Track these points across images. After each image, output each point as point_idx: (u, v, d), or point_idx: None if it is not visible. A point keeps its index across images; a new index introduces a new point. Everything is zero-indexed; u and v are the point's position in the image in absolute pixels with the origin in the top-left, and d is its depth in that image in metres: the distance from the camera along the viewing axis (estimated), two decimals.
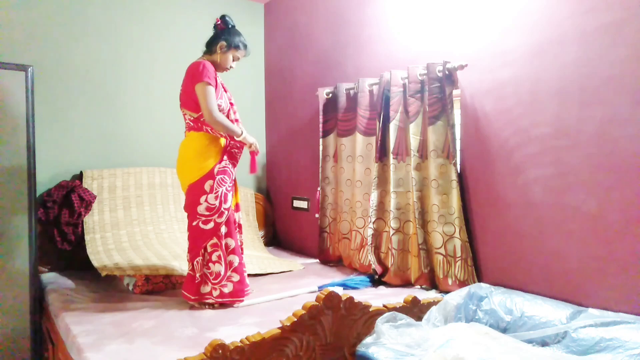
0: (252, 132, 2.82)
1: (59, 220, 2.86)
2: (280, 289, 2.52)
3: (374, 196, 2.68)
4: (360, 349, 1.69)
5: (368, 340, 1.71)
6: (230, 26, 2.40)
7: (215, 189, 2.24)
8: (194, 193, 2.26)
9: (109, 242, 2.87)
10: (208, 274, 2.25)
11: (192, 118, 2.32)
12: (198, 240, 2.25)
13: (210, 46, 2.39)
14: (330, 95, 3.12)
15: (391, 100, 2.60)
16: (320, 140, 3.16)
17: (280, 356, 1.64)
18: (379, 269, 2.63)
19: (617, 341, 1.58)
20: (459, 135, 2.41)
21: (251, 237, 3.59)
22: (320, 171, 3.19)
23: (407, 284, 2.57)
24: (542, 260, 2.07)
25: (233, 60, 2.41)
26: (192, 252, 2.27)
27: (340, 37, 3.20)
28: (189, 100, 2.29)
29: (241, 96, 3.76)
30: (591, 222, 1.90)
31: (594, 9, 1.86)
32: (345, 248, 3.03)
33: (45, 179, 2.99)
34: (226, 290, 2.27)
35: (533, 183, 2.09)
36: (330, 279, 2.77)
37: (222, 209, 2.24)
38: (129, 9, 3.35)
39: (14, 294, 2.50)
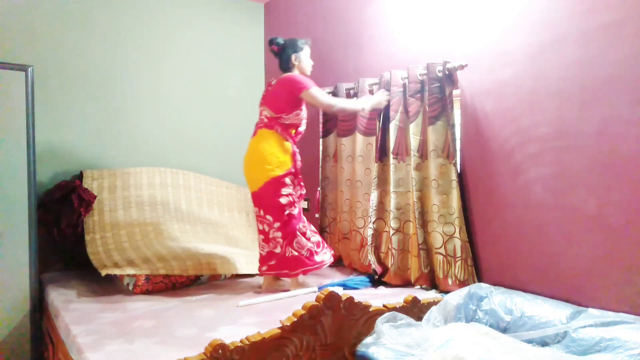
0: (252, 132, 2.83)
1: (59, 220, 2.86)
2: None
3: (374, 196, 2.68)
4: (360, 349, 1.69)
5: (368, 340, 1.71)
6: (284, 42, 2.62)
7: (294, 183, 2.60)
8: (275, 186, 2.49)
9: (109, 242, 2.87)
10: (310, 247, 2.52)
11: (269, 116, 2.56)
12: (290, 225, 2.51)
13: (286, 65, 2.63)
14: (330, 95, 3.12)
15: (391, 100, 2.60)
16: (320, 140, 3.16)
17: (280, 356, 1.64)
18: (379, 269, 2.63)
19: (617, 341, 1.57)
20: (459, 135, 2.41)
21: (252, 237, 3.58)
22: (320, 171, 3.19)
23: (407, 284, 2.57)
24: (542, 260, 2.07)
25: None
26: (289, 237, 2.50)
27: (340, 37, 3.20)
28: (275, 102, 2.55)
29: (241, 96, 3.77)
30: (591, 222, 1.90)
31: (594, 9, 1.86)
32: (345, 248, 3.03)
33: (45, 179, 2.99)
34: (327, 256, 2.60)
35: (533, 183, 2.09)
36: (330, 279, 2.77)
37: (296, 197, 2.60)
38: (129, 9, 3.35)
39: (14, 294, 2.50)
